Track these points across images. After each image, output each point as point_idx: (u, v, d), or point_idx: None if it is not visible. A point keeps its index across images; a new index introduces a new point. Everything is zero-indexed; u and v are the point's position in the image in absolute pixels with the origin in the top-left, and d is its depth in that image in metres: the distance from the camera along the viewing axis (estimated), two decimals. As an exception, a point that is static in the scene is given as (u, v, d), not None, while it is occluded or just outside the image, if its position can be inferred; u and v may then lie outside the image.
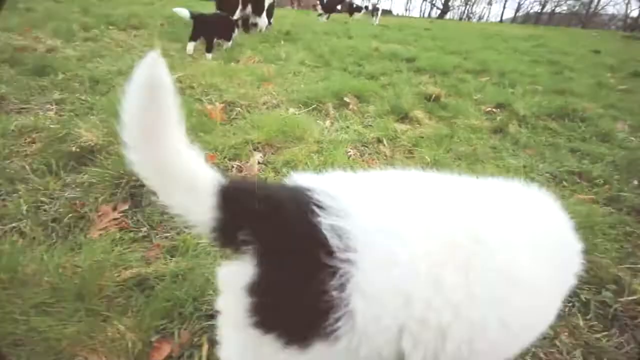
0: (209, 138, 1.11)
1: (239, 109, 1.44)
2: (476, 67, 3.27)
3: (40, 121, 1.14)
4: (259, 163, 1.05)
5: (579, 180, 1.17)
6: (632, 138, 1.77)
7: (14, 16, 3.58)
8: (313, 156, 1.07)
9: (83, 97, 1.43)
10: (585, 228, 0.87)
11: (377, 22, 6.85)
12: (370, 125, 1.49)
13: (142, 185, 0.88)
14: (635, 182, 1.23)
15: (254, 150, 1.11)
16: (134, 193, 0.88)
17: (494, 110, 1.89)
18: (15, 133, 1.08)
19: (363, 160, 1.14)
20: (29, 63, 1.77)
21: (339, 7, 6.69)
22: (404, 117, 1.61)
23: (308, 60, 2.74)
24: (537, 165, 1.26)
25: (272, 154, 1.11)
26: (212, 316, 0.56)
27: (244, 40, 3.38)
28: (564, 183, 1.15)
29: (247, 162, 1.03)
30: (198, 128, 1.17)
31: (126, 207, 0.83)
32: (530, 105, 2.05)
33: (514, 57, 4.57)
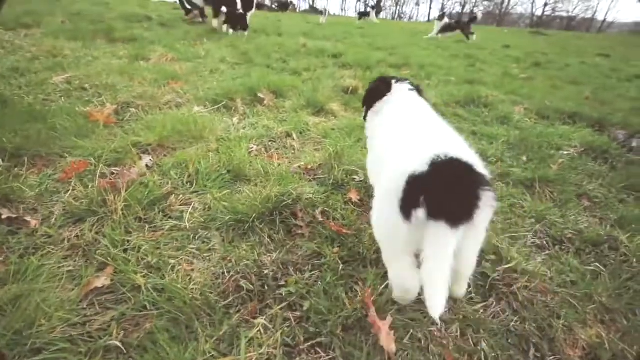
0: (85, 143, 0.97)
1: (134, 109, 1.29)
2: (399, 62, 3.42)
3: None
4: (147, 167, 0.93)
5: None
6: (527, 119, 1.97)
7: None
8: (210, 155, 0.99)
9: None
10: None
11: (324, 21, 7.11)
12: (285, 120, 1.45)
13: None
14: (524, 159, 1.36)
15: (143, 153, 0.99)
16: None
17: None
18: None
19: (268, 156, 1.08)
20: None
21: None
22: (319, 111, 1.59)
23: (230, 58, 2.62)
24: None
25: (165, 156, 1.00)
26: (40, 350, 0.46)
27: (161, 38, 3.13)
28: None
29: (132, 167, 0.91)
30: (72, 132, 1.01)
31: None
32: (442, 94, 2.19)
33: (436, 52, 4.90)
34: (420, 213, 0.47)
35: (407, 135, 0.69)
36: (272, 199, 0.81)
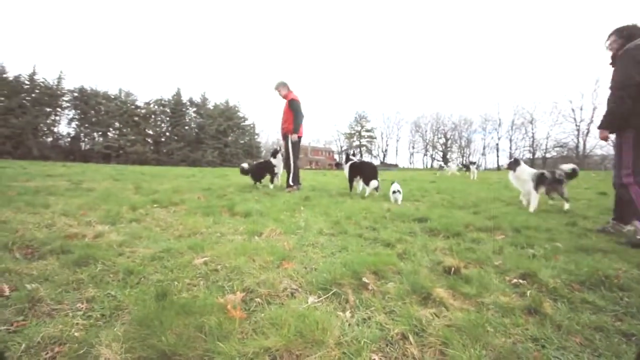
0: (225, 346, 1.07)
1: (258, 299, 1.45)
2: (487, 224, 3.36)
3: (66, 330, 1.16)
4: (275, 379, 0.96)
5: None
6: (692, 311, 1.58)
7: (76, 198, 4.27)
8: (335, 369, 0.98)
9: (113, 293, 1.50)
10: None
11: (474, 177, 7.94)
12: (393, 312, 1.43)
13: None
14: None
15: (272, 360, 1.04)
16: None
17: (520, 281, 1.81)
18: (41, 345, 1.09)
19: (390, 371, 1.02)
20: (75, 252, 1.98)
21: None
22: (426, 298, 1.55)
23: (325, 229, 2.94)
24: (594, 366, 1.09)
25: (291, 365, 1.03)
26: None
27: (268, 210, 3.77)
28: (638, 398, 0.95)
29: (264, 379, 0.94)
30: (215, 333, 1.15)
31: None
32: (558, 272, 1.97)
33: (520, 207, 4.74)
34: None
35: None
36: None
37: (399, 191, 4.93)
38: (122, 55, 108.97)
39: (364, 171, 5.80)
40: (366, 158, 65.54)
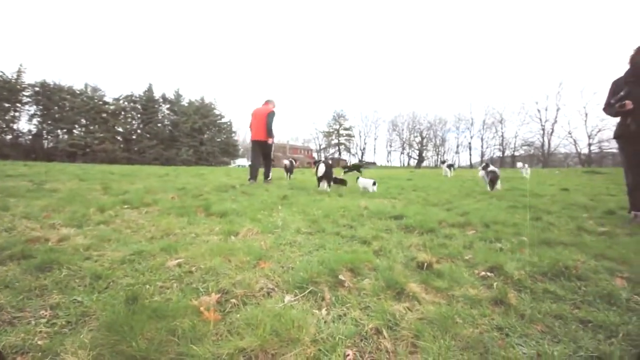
0: (198, 349, 1.05)
1: (233, 300, 1.43)
2: (459, 220, 3.50)
3: (28, 339, 1.09)
4: (251, 379, 0.95)
5: (604, 371, 1.06)
6: (637, 297, 1.72)
7: (38, 199, 4.01)
8: (310, 366, 0.99)
9: (79, 299, 1.43)
10: None
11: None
12: (368, 307, 1.46)
13: None
14: (666, 367, 1.12)
15: (247, 360, 1.03)
16: None
17: (488, 274, 1.90)
18: (1, 355, 1.02)
19: (364, 366, 1.05)
20: (37, 257, 1.86)
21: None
22: (400, 293, 1.59)
23: (303, 227, 2.95)
24: (552, 350, 1.17)
25: (266, 364, 1.03)
26: None
27: (245, 210, 3.72)
28: (590, 378, 1.03)
29: (239, 380, 0.94)
30: (188, 336, 1.12)
31: None
32: (523, 264, 2.08)
33: (491, 203, 4.96)
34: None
35: None
36: None
37: (373, 183, 6.13)
38: (88, 48, 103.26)
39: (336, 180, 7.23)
40: (345, 156, 66.15)
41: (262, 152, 7.33)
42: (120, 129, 46.98)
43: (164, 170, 10.93)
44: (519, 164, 12.69)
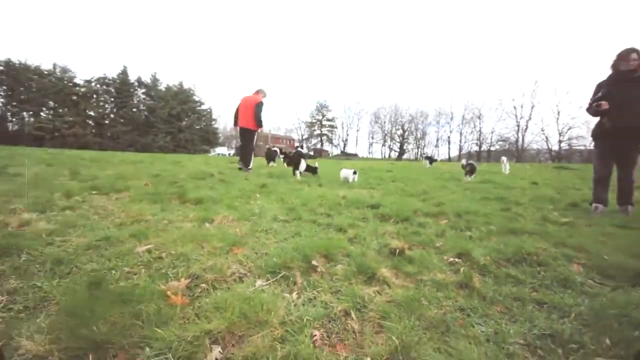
0: (164, 332, 1.04)
1: (204, 285, 1.42)
2: (434, 210, 3.60)
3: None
4: (216, 360, 0.95)
5: (553, 346, 1.14)
6: (590, 281, 1.84)
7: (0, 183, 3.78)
8: (277, 346, 1.00)
9: (39, 284, 1.37)
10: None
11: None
12: (339, 291, 1.48)
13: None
14: (607, 342, 1.21)
15: (213, 343, 1.03)
16: None
17: (456, 260, 1.98)
18: None
19: (330, 345, 1.07)
20: (-6, 242, 1.76)
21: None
22: (371, 278, 1.63)
23: (280, 215, 2.94)
24: (508, 329, 1.24)
25: (233, 345, 1.03)
26: None
27: (222, 197, 3.66)
28: (540, 352, 1.11)
29: (203, 360, 0.93)
30: (153, 319, 1.10)
31: None
32: (490, 251, 2.18)
33: (465, 195, 5.13)
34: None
35: None
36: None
37: (354, 172, 6.23)
38: (58, 25, 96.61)
39: (293, 158, 7.55)
40: (327, 147, 66.16)
41: (248, 140, 7.56)
42: (91, 113, 44.60)
43: (138, 157, 10.53)
44: (504, 159, 12.76)
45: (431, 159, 17.68)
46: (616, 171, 4.06)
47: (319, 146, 64.80)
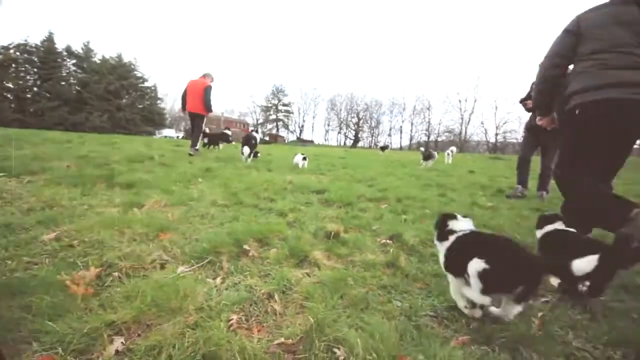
0: (57, 325, 0.93)
1: (116, 273, 1.30)
2: (377, 195, 3.74)
3: None
4: (117, 352, 0.88)
5: (458, 316, 1.25)
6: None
7: None
8: (187, 334, 0.95)
9: None
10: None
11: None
12: (268, 275, 1.47)
13: None
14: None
15: (116, 334, 0.95)
16: None
17: (387, 241, 2.07)
18: None
19: (247, 328, 1.05)
20: None
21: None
22: (302, 260, 1.64)
23: (220, 200, 2.82)
24: (422, 303, 1.32)
25: (138, 335, 0.96)
26: None
27: (159, 181, 3.41)
28: (446, 322, 1.20)
29: (101, 354, 0.85)
30: (45, 312, 0.98)
31: None
32: (419, 233, 2.32)
33: (410, 182, 5.42)
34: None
35: None
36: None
37: (303, 158, 6.31)
38: (-41, -25, 80.00)
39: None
40: (282, 133, 65.22)
41: (194, 123, 7.45)
42: (10, 85, 38.37)
43: (66, 137, 9.37)
44: (453, 149, 13.08)
45: (384, 148, 18.99)
46: (540, 162, 4.59)
47: (274, 131, 63.58)
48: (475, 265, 1.10)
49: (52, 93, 39.52)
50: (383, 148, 19.28)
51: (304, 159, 6.29)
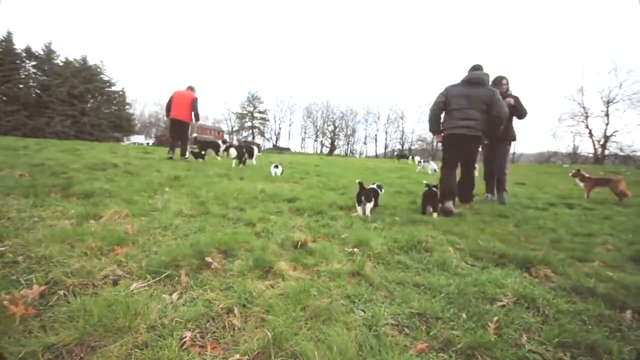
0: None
1: (62, 291, 1.21)
2: (349, 203, 3.77)
3: None
4: (54, 379, 0.81)
5: (418, 324, 1.27)
6: (463, 263, 2.13)
7: None
8: (135, 354, 0.90)
9: None
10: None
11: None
12: (230, 288, 1.43)
13: None
14: (464, 315, 1.40)
15: (56, 358, 0.88)
16: None
17: (354, 250, 2.09)
18: None
19: (201, 345, 1.01)
20: None
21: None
22: (267, 272, 1.61)
23: (186, 210, 2.73)
24: (384, 312, 1.34)
25: (81, 358, 0.89)
26: None
27: (121, 191, 3.25)
28: (406, 330, 1.22)
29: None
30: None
31: None
32: (387, 241, 2.36)
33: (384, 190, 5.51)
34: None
35: None
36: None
37: (275, 166, 6.44)
38: None
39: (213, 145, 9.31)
40: (259, 140, 64.53)
41: (180, 131, 8.04)
42: (-41, 86, 35.31)
43: (23, 143, 8.74)
44: (432, 164, 12.58)
45: (402, 157, 18.80)
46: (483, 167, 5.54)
47: (249, 139, 62.78)
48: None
49: (8, 96, 36.77)
50: (400, 157, 18.49)
51: (276, 166, 6.42)
